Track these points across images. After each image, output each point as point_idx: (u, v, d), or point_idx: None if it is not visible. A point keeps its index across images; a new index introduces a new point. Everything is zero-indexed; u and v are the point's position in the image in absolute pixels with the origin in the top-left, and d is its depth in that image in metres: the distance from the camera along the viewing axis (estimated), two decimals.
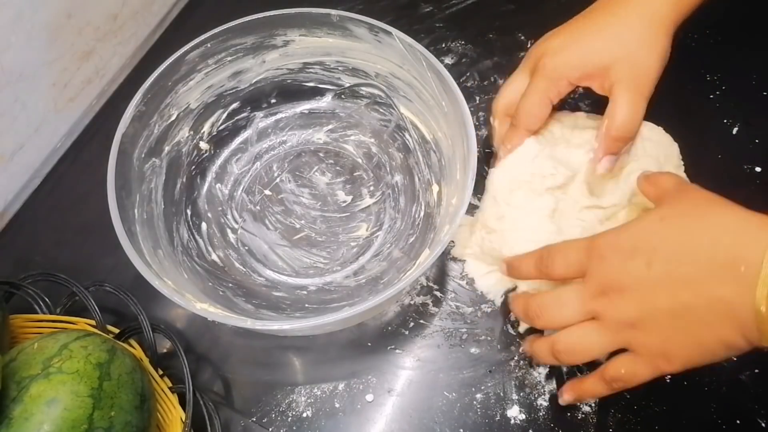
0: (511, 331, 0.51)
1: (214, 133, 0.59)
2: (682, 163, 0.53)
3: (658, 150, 0.51)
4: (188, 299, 0.42)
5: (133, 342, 0.47)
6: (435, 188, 0.55)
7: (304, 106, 0.61)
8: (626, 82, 0.46)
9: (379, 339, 0.51)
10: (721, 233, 0.38)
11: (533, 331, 0.49)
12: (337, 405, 0.49)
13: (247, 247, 0.55)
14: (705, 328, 0.38)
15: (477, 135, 0.49)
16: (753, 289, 0.35)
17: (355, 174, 0.59)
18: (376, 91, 0.58)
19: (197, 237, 0.55)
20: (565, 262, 0.43)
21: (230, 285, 0.52)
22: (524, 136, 0.51)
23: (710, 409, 0.47)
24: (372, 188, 0.58)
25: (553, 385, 0.49)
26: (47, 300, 0.48)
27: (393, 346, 0.51)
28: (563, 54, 0.48)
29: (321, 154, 0.60)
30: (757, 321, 0.35)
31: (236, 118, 0.59)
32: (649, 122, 0.53)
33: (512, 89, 0.53)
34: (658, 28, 0.47)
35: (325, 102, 0.61)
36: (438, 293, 0.53)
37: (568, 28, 0.50)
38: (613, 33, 0.47)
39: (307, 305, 0.52)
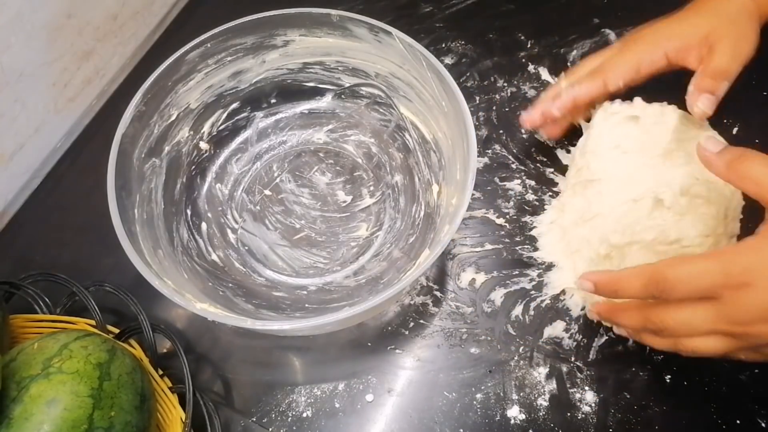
0: (511, 331, 0.51)
1: (214, 133, 0.59)
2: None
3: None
4: (188, 299, 0.42)
5: (133, 342, 0.47)
6: (435, 188, 0.55)
7: (304, 106, 0.61)
8: (726, 39, 0.47)
9: (379, 339, 0.51)
10: None
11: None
12: (337, 405, 0.49)
13: (247, 247, 0.55)
14: None
15: (477, 135, 0.49)
16: None
17: (355, 174, 0.59)
18: (376, 91, 0.58)
19: (197, 237, 0.55)
20: (690, 289, 0.38)
21: (230, 285, 0.52)
22: (598, 87, 0.49)
23: (710, 409, 0.47)
24: (372, 188, 0.58)
25: (553, 384, 0.49)
26: (47, 300, 0.48)
27: (393, 346, 0.51)
28: (664, 28, 0.51)
29: (321, 154, 0.60)
30: None
31: (236, 118, 0.59)
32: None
33: (600, 57, 0.53)
34: (750, 15, 0.49)
35: (325, 102, 0.61)
36: (438, 293, 0.53)
37: (668, 17, 0.52)
38: (711, 10, 0.50)
39: (307, 305, 0.52)
